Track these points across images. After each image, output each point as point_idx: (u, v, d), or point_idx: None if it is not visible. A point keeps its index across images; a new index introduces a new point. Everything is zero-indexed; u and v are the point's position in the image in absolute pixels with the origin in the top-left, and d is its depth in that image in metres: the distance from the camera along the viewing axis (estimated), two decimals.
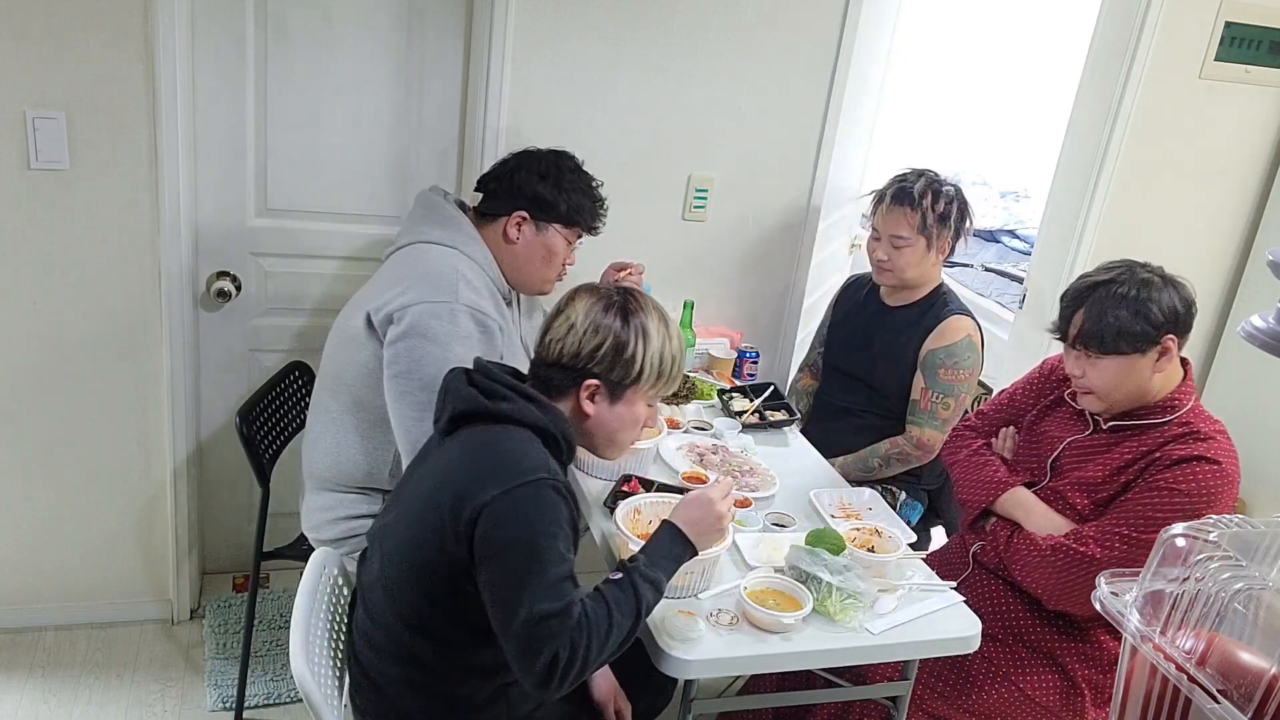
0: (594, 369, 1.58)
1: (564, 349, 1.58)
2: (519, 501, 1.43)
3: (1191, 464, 1.85)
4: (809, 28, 2.68)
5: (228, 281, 2.57)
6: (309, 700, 1.50)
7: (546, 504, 1.45)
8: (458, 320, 1.96)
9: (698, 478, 2.14)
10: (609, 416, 1.62)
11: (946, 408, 2.46)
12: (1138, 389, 1.93)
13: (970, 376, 2.48)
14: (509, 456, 1.49)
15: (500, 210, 2.15)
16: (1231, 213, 3.04)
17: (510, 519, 1.43)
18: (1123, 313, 1.85)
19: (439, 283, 1.99)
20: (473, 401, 1.55)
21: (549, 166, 2.16)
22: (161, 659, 2.59)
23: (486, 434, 1.54)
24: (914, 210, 2.43)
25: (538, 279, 2.22)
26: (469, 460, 1.51)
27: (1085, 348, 1.91)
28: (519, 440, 1.52)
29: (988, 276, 4.49)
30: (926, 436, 2.46)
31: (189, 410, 2.58)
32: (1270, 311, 1.14)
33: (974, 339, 2.49)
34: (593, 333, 1.57)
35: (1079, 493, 1.98)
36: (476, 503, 1.43)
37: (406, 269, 2.06)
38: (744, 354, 2.81)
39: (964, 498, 2.13)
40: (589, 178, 2.21)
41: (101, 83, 2.22)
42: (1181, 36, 2.74)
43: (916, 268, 2.49)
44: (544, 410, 1.56)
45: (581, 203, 2.17)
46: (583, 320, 1.58)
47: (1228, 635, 1.06)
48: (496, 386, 1.57)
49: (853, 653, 1.71)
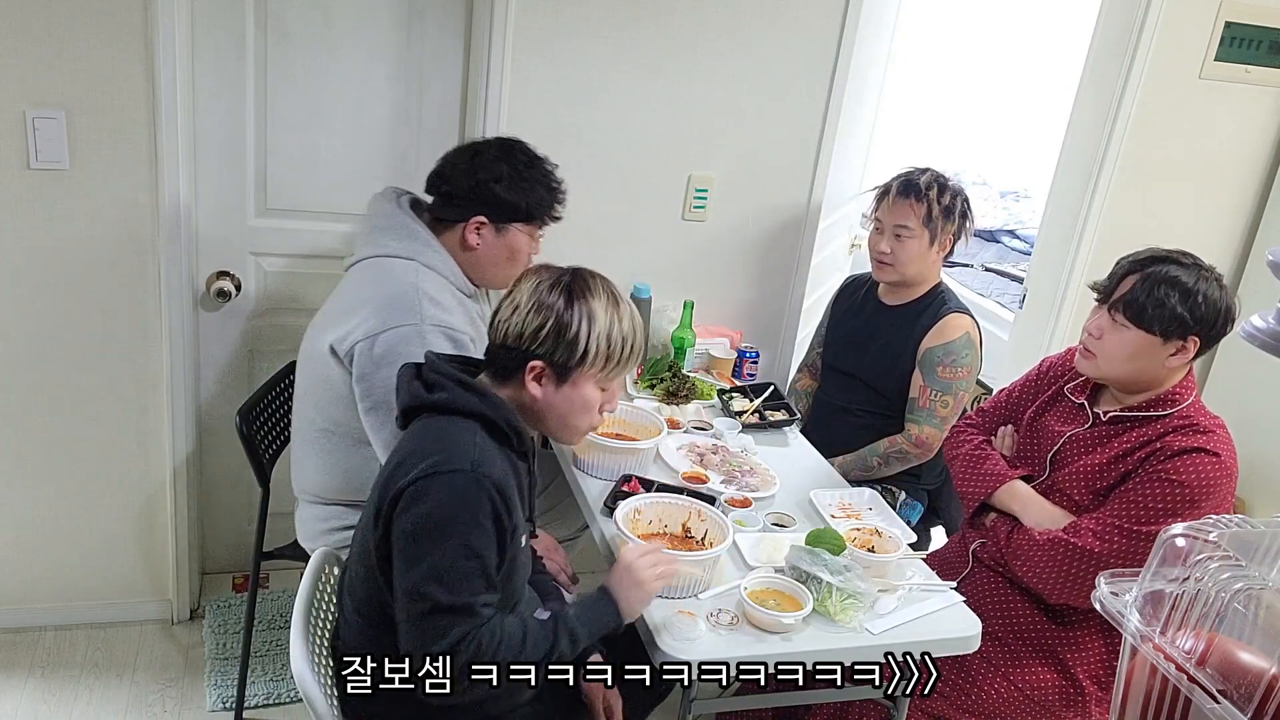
0: (537, 350, 1.54)
1: (509, 330, 1.55)
2: (435, 487, 1.42)
3: (1191, 455, 1.86)
4: (809, 28, 2.68)
5: (228, 281, 2.57)
6: (309, 700, 1.50)
7: (464, 495, 1.42)
8: (428, 342, 1.90)
9: (698, 478, 2.15)
10: (557, 400, 1.58)
11: (945, 406, 2.46)
12: (1139, 372, 1.93)
13: (969, 374, 2.48)
14: (437, 444, 1.47)
15: (457, 216, 2.07)
16: (1231, 213, 3.04)
17: (420, 503, 1.41)
18: (1174, 294, 1.85)
19: (402, 305, 1.92)
20: (415, 394, 1.54)
21: (502, 164, 2.05)
22: (161, 659, 2.59)
23: (428, 425, 1.53)
24: (920, 202, 2.43)
25: (501, 278, 2.14)
26: (403, 449, 1.51)
27: (1121, 312, 1.89)
28: (457, 430, 1.49)
29: (988, 276, 4.49)
30: (925, 434, 2.46)
31: (189, 410, 2.58)
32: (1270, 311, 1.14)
33: (972, 337, 2.48)
34: (535, 312, 1.54)
35: (1078, 484, 1.98)
36: (396, 487, 1.43)
37: (367, 291, 1.98)
38: (744, 354, 2.81)
39: (963, 491, 2.14)
40: (544, 166, 2.11)
41: (101, 83, 2.22)
42: (1181, 36, 2.74)
43: (918, 262, 2.48)
44: (482, 398, 1.53)
45: (541, 197, 2.08)
46: (526, 300, 1.55)
47: (1228, 635, 1.06)
48: (436, 378, 1.55)
49: (853, 653, 1.71)
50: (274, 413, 2.39)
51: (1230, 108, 2.88)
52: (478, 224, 2.05)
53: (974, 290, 4.25)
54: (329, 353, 1.95)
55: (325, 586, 1.73)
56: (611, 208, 2.72)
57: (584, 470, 2.14)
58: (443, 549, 1.40)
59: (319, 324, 2.06)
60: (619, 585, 1.58)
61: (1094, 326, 1.96)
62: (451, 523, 1.41)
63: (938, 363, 2.45)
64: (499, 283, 2.16)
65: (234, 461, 2.61)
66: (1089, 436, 2.01)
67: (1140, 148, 2.83)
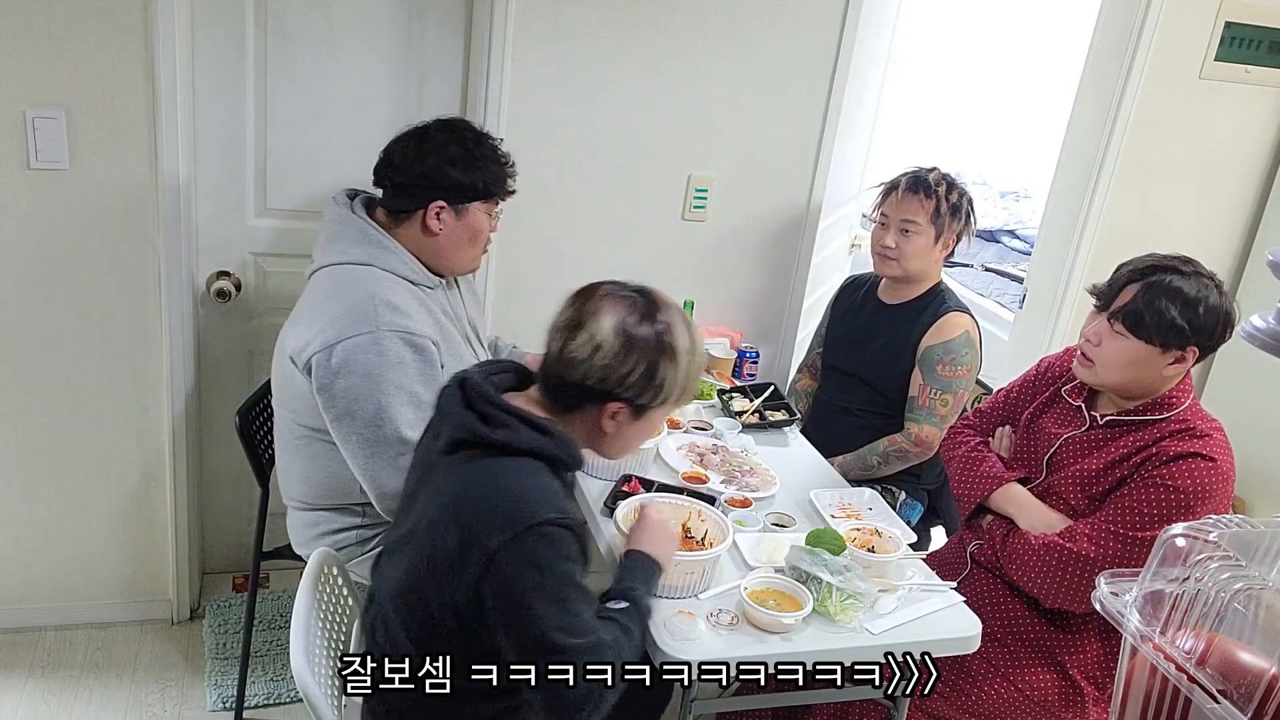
0: (623, 394, 1.49)
1: (590, 371, 1.46)
2: (527, 546, 1.37)
3: (1187, 460, 1.85)
4: (809, 28, 2.68)
5: (228, 281, 2.57)
6: (309, 700, 1.50)
7: (556, 544, 1.39)
8: (385, 348, 1.86)
9: (698, 477, 2.14)
10: (630, 432, 1.56)
11: (945, 404, 2.46)
12: (1137, 380, 1.92)
13: (968, 373, 2.48)
14: (516, 497, 1.41)
15: (414, 205, 2.01)
16: (1231, 213, 3.04)
17: (518, 565, 1.37)
18: (1174, 306, 1.84)
19: (358, 314, 1.88)
20: (471, 429, 1.46)
21: (452, 145, 2.00)
22: (161, 659, 2.59)
23: (488, 469, 1.45)
24: (929, 198, 2.44)
25: (465, 260, 2.11)
26: (471, 499, 1.43)
27: (1120, 322, 1.88)
28: (523, 474, 1.44)
29: (988, 276, 4.49)
30: (925, 433, 2.46)
31: (189, 410, 2.58)
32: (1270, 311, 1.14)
33: (972, 336, 2.48)
34: (624, 356, 1.46)
35: (1074, 488, 1.98)
36: (482, 553, 1.37)
37: (323, 301, 1.94)
38: (744, 354, 2.81)
39: (959, 493, 2.14)
40: (491, 141, 2.06)
41: (101, 83, 2.22)
42: (1181, 36, 2.74)
43: (921, 258, 2.48)
44: (551, 437, 1.47)
45: (495, 173, 2.04)
46: (612, 340, 1.46)
47: (1228, 635, 1.06)
48: (495, 412, 1.46)
49: (853, 653, 1.71)
50: (273, 412, 2.39)
51: (1230, 108, 2.88)
52: (437, 209, 2.01)
53: (974, 290, 4.25)
54: (289, 361, 1.94)
55: (325, 586, 1.73)
56: (611, 208, 2.72)
57: (584, 470, 2.13)
58: (555, 601, 1.38)
59: (284, 331, 2.03)
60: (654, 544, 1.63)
61: (1092, 333, 1.95)
62: (555, 570, 1.39)
63: (937, 361, 2.45)
64: (461, 267, 2.13)
65: (234, 461, 2.61)
66: (1085, 440, 2.01)
67: (1140, 148, 2.83)
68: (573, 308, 1.51)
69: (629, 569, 1.60)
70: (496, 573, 1.37)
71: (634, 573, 1.59)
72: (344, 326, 1.87)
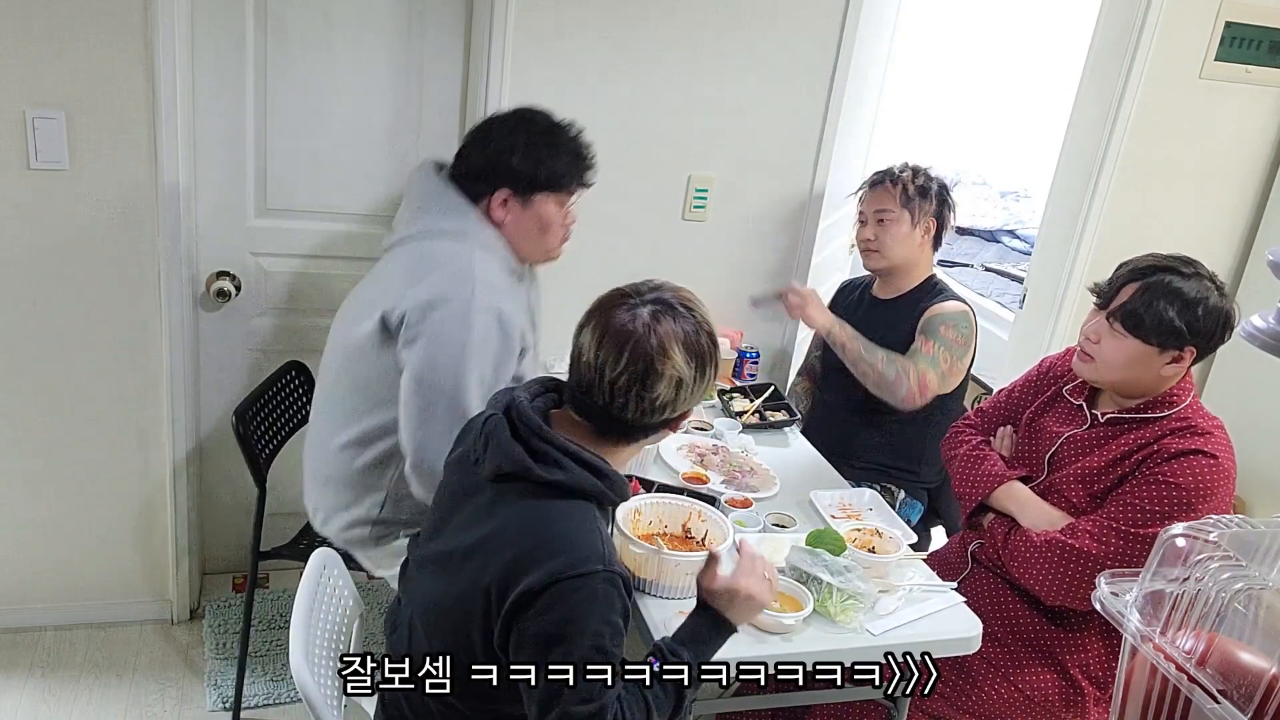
0: (675, 418, 1.49)
1: (676, 407, 1.46)
2: (567, 592, 1.33)
3: (1188, 458, 1.86)
4: (809, 27, 2.68)
5: (228, 281, 2.57)
6: (309, 700, 1.50)
7: (598, 597, 1.34)
8: (474, 322, 1.86)
9: (698, 478, 2.14)
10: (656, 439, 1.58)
11: (946, 361, 2.45)
12: (1135, 379, 1.93)
13: (967, 345, 2.49)
14: (562, 540, 1.36)
15: (481, 192, 2.00)
16: (1231, 213, 3.04)
17: (554, 610, 1.33)
18: (1173, 307, 1.84)
19: (458, 281, 1.88)
20: (520, 464, 1.40)
21: (518, 135, 1.98)
22: (161, 659, 2.60)
23: (540, 511, 1.40)
24: (895, 184, 2.52)
25: (540, 250, 2.08)
26: (519, 540, 1.38)
27: (1119, 321, 1.89)
28: (573, 518, 1.39)
29: (988, 276, 4.49)
30: (926, 378, 2.42)
31: (189, 410, 2.58)
32: (1270, 311, 1.14)
33: (971, 320, 2.51)
34: (700, 379, 1.47)
35: (1075, 485, 1.98)
36: (524, 593, 1.33)
37: (418, 266, 1.93)
38: (744, 354, 2.81)
39: (960, 492, 2.14)
40: (565, 132, 2.02)
41: (101, 83, 2.22)
42: (1181, 36, 2.74)
43: (903, 245, 2.52)
44: (605, 479, 1.43)
45: (563, 164, 2.01)
46: (688, 372, 1.44)
47: (1228, 635, 1.06)
48: (546, 449, 1.41)
49: (853, 653, 1.71)
50: (271, 413, 2.39)
51: (1230, 108, 2.88)
52: (503, 198, 1.99)
53: (974, 290, 4.25)
54: (378, 327, 1.90)
55: (325, 586, 1.73)
56: (611, 208, 2.72)
57: None
58: (577, 653, 1.33)
59: (361, 307, 1.99)
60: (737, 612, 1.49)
61: (1092, 331, 1.96)
62: (585, 627, 1.33)
63: (941, 324, 2.47)
64: (537, 255, 2.10)
65: (234, 461, 2.60)
66: (1087, 438, 2.01)
67: (1140, 148, 2.83)
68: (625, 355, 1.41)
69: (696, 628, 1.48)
70: (531, 614, 1.34)
71: (698, 635, 1.48)
72: (443, 290, 1.87)
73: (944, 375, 2.45)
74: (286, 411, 2.47)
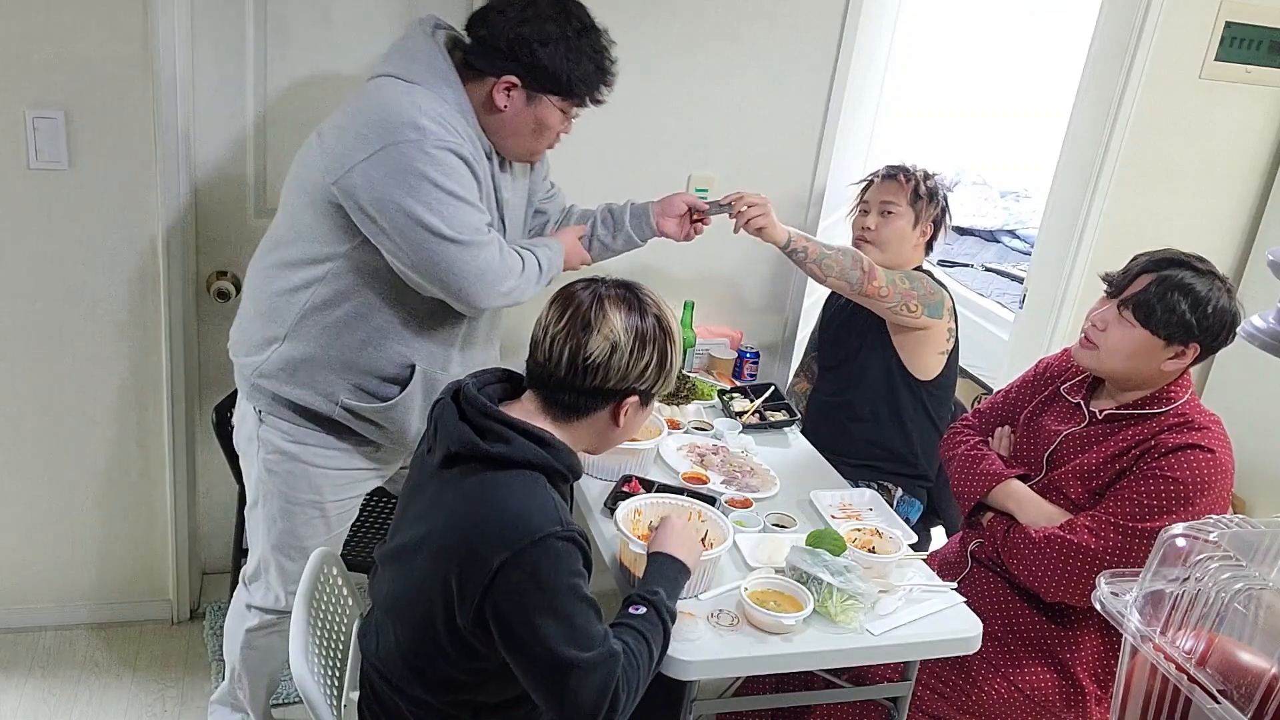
0: (641, 386, 1.52)
1: (609, 373, 1.48)
2: (532, 559, 1.36)
3: (1186, 452, 1.86)
4: (809, 28, 2.68)
5: (228, 281, 2.57)
6: (309, 700, 1.50)
7: (558, 557, 1.38)
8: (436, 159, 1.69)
9: (698, 478, 2.14)
10: (636, 422, 1.58)
11: (903, 282, 2.42)
12: (1135, 370, 1.94)
13: (931, 297, 2.45)
14: (511, 512, 1.39)
15: (488, 69, 1.80)
16: (1231, 213, 3.04)
17: (524, 588, 1.36)
18: (1185, 301, 1.86)
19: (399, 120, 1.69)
20: (467, 441, 1.44)
21: (551, 24, 1.78)
22: (161, 659, 2.60)
23: (485, 484, 1.43)
24: (907, 180, 2.51)
25: (524, 150, 1.92)
26: (470, 517, 1.41)
27: (1130, 310, 1.90)
28: (521, 489, 1.43)
29: (988, 276, 4.49)
30: (875, 269, 2.38)
31: (189, 410, 2.58)
32: (1270, 311, 1.14)
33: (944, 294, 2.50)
34: (639, 351, 1.49)
35: (1074, 482, 1.98)
36: (484, 571, 1.36)
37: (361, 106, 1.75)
38: (744, 354, 2.81)
39: (959, 491, 2.15)
40: (599, 38, 1.84)
41: (101, 83, 2.23)
42: (1181, 36, 2.75)
43: (900, 241, 2.52)
44: (551, 450, 1.47)
45: (587, 71, 1.82)
46: (625, 338, 1.48)
47: (1228, 635, 1.06)
48: (490, 424, 1.45)
49: (854, 654, 1.71)
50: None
51: (1230, 108, 2.88)
52: (509, 84, 1.80)
53: (974, 290, 4.25)
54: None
55: (325, 586, 1.73)
56: None
57: (584, 471, 2.13)
58: (561, 611, 1.38)
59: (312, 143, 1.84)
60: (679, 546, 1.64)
61: (1099, 318, 1.96)
62: (558, 585, 1.38)
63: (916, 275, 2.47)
64: (518, 154, 1.95)
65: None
66: (1085, 435, 2.02)
67: (1140, 148, 2.83)
68: (567, 313, 1.49)
69: (652, 573, 1.60)
70: (498, 591, 1.36)
71: (656, 576, 1.59)
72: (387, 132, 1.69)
73: (893, 284, 2.39)
74: None
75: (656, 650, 1.49)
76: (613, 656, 1.40)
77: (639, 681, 1.44)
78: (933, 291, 2.48)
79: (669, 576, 1.60)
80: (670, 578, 1.60)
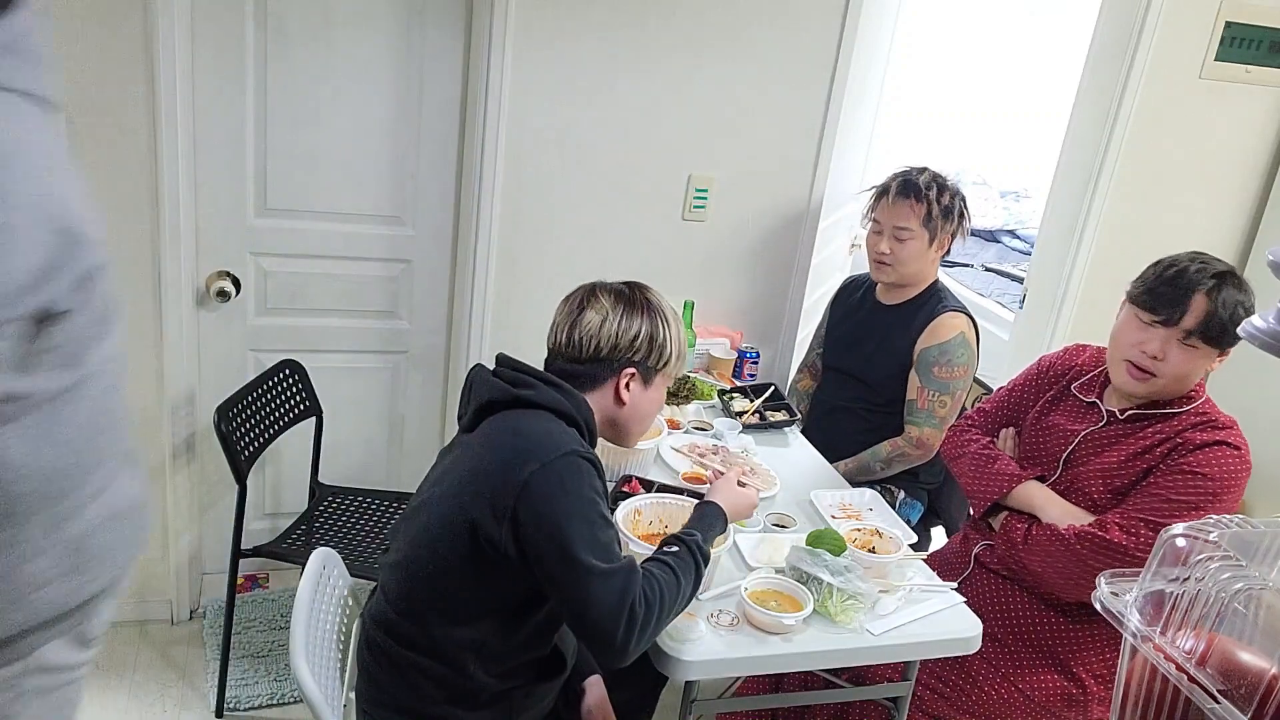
0: (634, 357, 1.63)
1: (600, 342, 1.62)
2: (557, 473, 1.47)
3: (1215, 448, 1.87)
4: (809, 28, 2.68)
5: (228, 281, 2.57)
6: (309, 700, 1.50)
7: (582, 472, 1.49)
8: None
9: (698, 478, 2.14)
10: (642, 402, 1.67)
11: (943, 406, 2.46)
12: (1189, 383, 1.94)
13: (965, 373, 2.48)
14: (536, 436, 1.51)
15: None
16: (1231, 213, 3.04)
17: (552, 493, 1.46)
18: (1242, 317, 1.83)
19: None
20: (498, 390, 1.58)
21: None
22: (161, 659, 2.59)
23: (509, 420, 1.56)
24: (920, 202, 2.43)
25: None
26: (497, 446, 1.53)
27: (1199, 336, 1.87)
28: (543, 421, 1.55)
29: (988, 276, 4.49)
30: (925, 435, 2.46)
31: (188, 410, 2.58)
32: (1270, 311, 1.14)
33: (968, 336, 2.48)
34: (627, 321, 1.63)
35: (1095, 481, 1.98)
36: (515, 482, 1.46)
37: None
38: (744, 354, 2.81)
39: (972, 492, 2.12)
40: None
41: (101, 83, 2.22)
42: (1181, 36, 2.74)
43: (917, 262, 2.48)
44: (569, 397, 1.59)
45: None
46: (613, 312, 1.63)
47: (1228, 635, 1.06)
48: (522, 376, 1.60)
49: (854, 654, 1.71)
50: (254, 412, 2.38)
51: (1230, 108, 2.88)
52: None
53: (974, 290, 4.25)
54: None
55: (325, 586, 1.73)
56: (611, 208, 2.72)
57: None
58: (585, 516, 1.47)
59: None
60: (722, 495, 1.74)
61: (1156, 350, 1.90)
62: (582, 493, 1.48)
63: (933, 363, 2.45)
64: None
65: None
66: (1104, 435, 2.01)
67: (1140, 148, 2.83)
68: (569, 304, 1.67)
69: (694, 518, 1.70)
70: (529, 496, 1.46)
71: (696, 520, 1.68)
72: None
73: (943, 420, 2.46)
74: (274, 409, 2.47)
75: (685, 582, 1.54)
76: (632, 571, 1.47)
77: (660, 604, 1.48)
78: (964, 367, 2.47)
79: (707, 521, 1.68)
80: (708, 522, 1.68)
